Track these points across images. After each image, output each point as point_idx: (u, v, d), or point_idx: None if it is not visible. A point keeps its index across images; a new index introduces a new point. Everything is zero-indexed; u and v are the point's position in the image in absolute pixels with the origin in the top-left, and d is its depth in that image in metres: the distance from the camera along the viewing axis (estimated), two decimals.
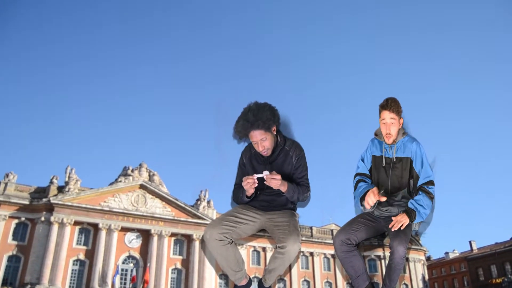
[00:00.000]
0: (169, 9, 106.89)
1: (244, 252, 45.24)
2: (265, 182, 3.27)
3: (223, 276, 43.37)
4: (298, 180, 3.48)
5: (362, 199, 3.53)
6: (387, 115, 3.52)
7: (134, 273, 37.49)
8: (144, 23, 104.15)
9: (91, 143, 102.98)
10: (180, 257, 43.21)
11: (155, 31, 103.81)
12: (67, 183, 40.00)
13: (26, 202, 38.08)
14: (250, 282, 3.64)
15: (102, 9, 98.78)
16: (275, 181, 3.22)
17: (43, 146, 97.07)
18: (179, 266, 42.76)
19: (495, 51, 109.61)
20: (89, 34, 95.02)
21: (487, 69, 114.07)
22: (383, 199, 3.50)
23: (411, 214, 3.42)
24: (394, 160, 3.62)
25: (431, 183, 3.53)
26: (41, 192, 39.71)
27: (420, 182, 3.55)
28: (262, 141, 3.33)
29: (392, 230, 3.44)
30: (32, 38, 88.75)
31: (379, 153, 3.70)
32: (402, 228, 3.40)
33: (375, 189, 3.47)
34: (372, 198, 3.41)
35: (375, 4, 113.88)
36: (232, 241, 3.42)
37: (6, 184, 38.21)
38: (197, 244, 43.29)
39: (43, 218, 37.85)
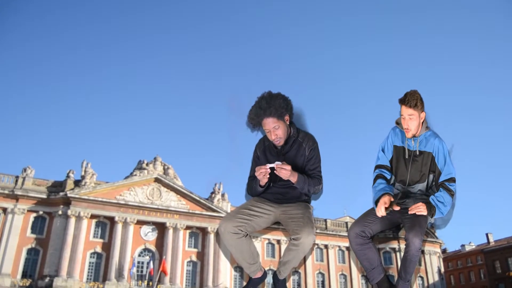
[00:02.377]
0: (187, 3, 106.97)
1: (259, 244, 45.41)
2: (275, 172, 3.27)
3: (238, 268, 43.59)
4: (310, 172, 3.47)
5: (377, 201, 3.51)
6: (405, 110, 3.46)
7: (151, 265, 37.91)
8: (163, 14, 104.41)
9: (106, 137, 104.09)
10: (195, 250, 43.55)
11: (173, 22, 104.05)
12: (83, 177, 40.53)
13: (44, 196, 38.72)
14: (265, 274, 3.65)
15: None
16: (284, 171, 3.23)
17: (59, 140, 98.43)
18: (194, 258, 43.11)
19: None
20: (104, 25, 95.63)
21: None
22: (396, 208, 3.50)
23: (431, 208, 3.40)
24: (417, 153, 3.58)
25: (452, 180, 3.49)
26: (58, 186, 40.33)
27: (441, 179, 3.51)
28: (275, 129, 3.34)
29: (409, 212, 3.42)
30: (45, 32, 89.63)
31: (401, 143, 3.64)
32: (418, 217, 3.38)
33: (387, 199, 3.43)
34: (382, 210, 3.39)
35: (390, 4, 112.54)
36: (247, 234, 3.44)
37: (24, 178, 38.90)
38: (212, 237, 43.56)
39: (60, 212, 38.46)
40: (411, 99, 3.43)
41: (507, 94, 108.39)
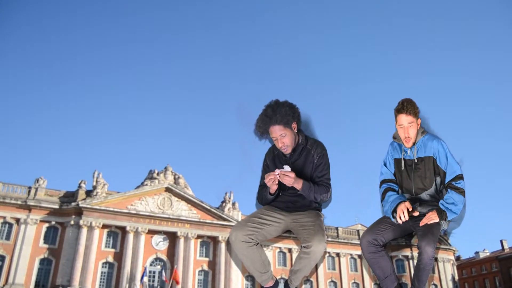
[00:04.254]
0: (199, 6, 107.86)
1: (270, 253, 45.22)
2: (278, 178, 3.26)
3: (250, 277, 43.44)
4: (317, 179, 3.46)
5: (394, 211, 3.49)
6: (404, 119, 3.45)
7: (164, 274, 37.94)
8: (175, 21, 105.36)
9: (117, 147, 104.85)
10: (207, 259, 43.48)
11: (186, 30, 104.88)
12: (94, 187, 40.80)
13: (56, 206, 39.00)
14: (276, 283, 3.63)
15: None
16: (288, 178, 3.22)
17: (71, 151, 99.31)
18: (205, 267, 43.04)
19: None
20: (117, 34, 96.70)
21: None
22: (416, 213, 3.48)
23: (442, 214, 3.37)
24: (416, 161, 3.55)
25: (459, 177, 3.45)
26: (70, 196, 40.62)
27: (447, 179, 3.48)
28: (282, 137, 3.35)
29: (421, 225, 3.39)
30: (56, 44, 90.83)
31: (399, 155, 3.65)
32: (430, 224, 3.35)
33: (408, 203, 3.42)
34: (404, 215, 3.37)
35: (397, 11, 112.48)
36: (258, 243, 3.43)
37: (36, 189, 39.24)
38: (223, 246, 43.49)
39: (72, 222, 38.69)
40: (410, 107, 3.43)
41: None
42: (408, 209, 3.41)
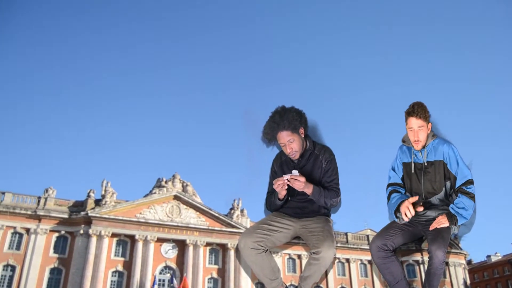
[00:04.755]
0: (205, 11, 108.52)
1: (280, 260, 45.04)
2: (288, 183, 3.26)
3: (259, 284, 43.23)
4: (327, 184, 3.46)
5: (397, 210, 3.47)
6: (415, 122, 3.44)
7: (175, 281, 37.89)
8: (180, 26, 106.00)
9: (126, 155, 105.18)
10: (216, 267, 43.41)
11: (191, 35, 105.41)
12: (103, 196, 40.95)
13: (65, 216, 39.19)
14: None
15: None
16: (298, 183, 3.22)
17: (79, 161, 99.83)
18: (215, 275, 42.95)
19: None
20: (119, 42, 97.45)
21: None
22: (420, 209, 3.46)
23: (452, 218, 3.35)
24: (425, 164, 3.54)
25: (469, 182, 3.44)
26: (79, 205, 40.82)
27: (458, 184, 3.47)
28: (290, 143, 3.36)
29: (431, 229, 3.38)
30: (65, 48, 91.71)
31: (409, 159, 3.64)
32: (440, 228, 3.33)
33: (411, 199, 3.40)
34: (410, 211, 3.36)
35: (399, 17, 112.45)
36: (267, 249, 3.42)
37: (46, 199, 39.49)
38: (232, 253, 43.42)
39: (81, 231, 38.84)
40: (420, 110, 3.42)
41: None
42: (413, 206, 3.40)
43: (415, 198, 3.44)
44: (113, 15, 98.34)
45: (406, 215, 3.38)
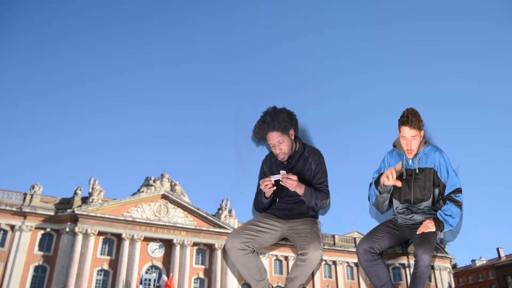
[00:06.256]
0: (198, 10, 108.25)
1: (266, 261, 45.08)
2: (281, 183, 3.26)
3: (246, 285, 43.17)
4: (317, 186, 3.46)
5: (377, 183, 3.51)
6: (408, 131, 3.41)
7: (165, 278, 37.55)
8: (170, 23, 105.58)
9: (114, 153, 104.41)
10: (203, 267, 43.29)
11: (182, 35, 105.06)
12: (90, 194, 40.59)
13: (51, 213, 38.76)
14: None
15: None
16: (291, 182, 3.21)
17: (67, 157, 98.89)
18: (201, 275, 42.83)
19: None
20: (112, 38, 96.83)
21: None
22: (399, 183, 3.45)
23: (439, 224, 3.37)
24: (417, 171, 3.55)
25: (458, 191, 3.47)
26: (65, 203, 40.38)
27: (447, 191, 3.49)
28: (279, 144, 3.36)
29: (417, 233, 3.40)
30: (50, 41, 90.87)
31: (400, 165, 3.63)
32: (427, 232, 3.35)
33: (392, 168, 3.41)
34: (393, 173, 3.36)
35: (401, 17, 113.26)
36: (254, 250, 3.42)
37: (32, 195, 38.99)
38: (219, 254, 43.34)
39: (67, 229, 38.45)
40: (414, 120, 3.38)
41: None
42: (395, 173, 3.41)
43: (396, 168, 3.45)
44: (99, 15, 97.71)
45: (388, 178, 3.38)
